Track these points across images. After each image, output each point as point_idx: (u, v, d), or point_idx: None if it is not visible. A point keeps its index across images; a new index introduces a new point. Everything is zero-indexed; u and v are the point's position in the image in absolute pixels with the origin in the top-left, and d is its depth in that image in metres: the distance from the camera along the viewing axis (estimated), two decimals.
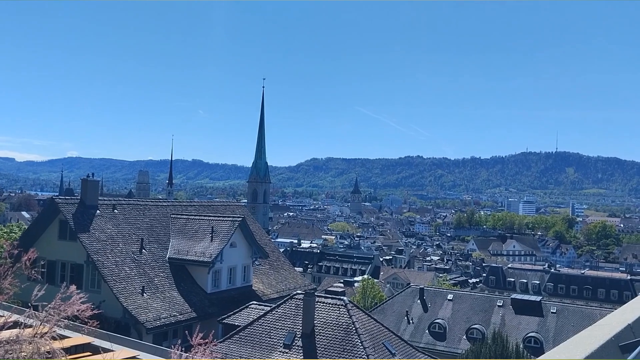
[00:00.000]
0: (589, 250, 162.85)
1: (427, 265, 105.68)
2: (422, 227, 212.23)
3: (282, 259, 38.15)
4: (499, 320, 43.15)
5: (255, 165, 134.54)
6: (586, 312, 42.15)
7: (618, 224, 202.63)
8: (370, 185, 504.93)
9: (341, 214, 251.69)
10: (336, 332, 21.89)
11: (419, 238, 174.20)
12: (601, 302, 65.06)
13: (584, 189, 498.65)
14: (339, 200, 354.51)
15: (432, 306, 46.38)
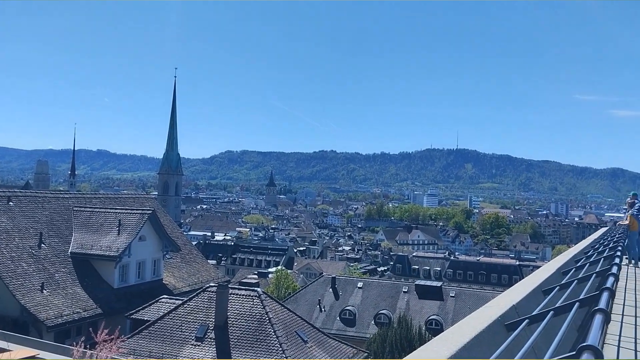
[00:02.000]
0: (483, 239, 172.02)
1: (339, 255, 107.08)
2: (335, 219, 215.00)
3: (195, 252, 36.93)
4: (404, 305, 44.30)
5: (166, 157, 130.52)
6: (481, 295, 44.16)
7: (509, 215, 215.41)
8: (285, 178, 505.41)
9: (256, 206, 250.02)
10: (249, 323, 21.47)
11: (332, 229, 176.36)
12: (494, 286, 68.47)
13: (480, 183, 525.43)
14: (254, 193, 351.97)
15: (343, 294, 46.89)
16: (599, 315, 2.57)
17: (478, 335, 3.05)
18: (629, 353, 5.98)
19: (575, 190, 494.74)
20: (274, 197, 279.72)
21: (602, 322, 2.46)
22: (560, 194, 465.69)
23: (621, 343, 6.45)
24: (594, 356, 1.84)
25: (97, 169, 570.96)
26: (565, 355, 1.97)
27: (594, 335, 2.12)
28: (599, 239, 13.36)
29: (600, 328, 2.32)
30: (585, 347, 1.89)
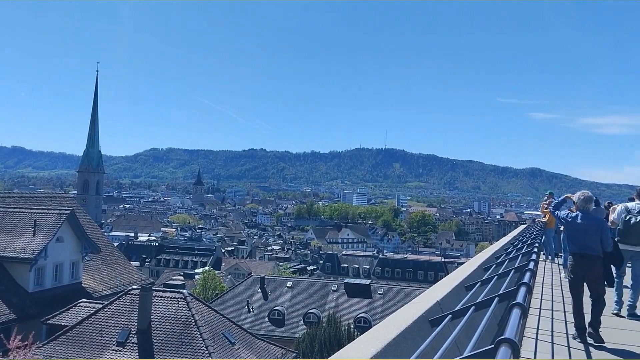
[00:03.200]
0: (411, 236, 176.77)
1: (268, 255, 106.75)
2: (264, 218, 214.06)
3: (117, 254, 35.63)
4: (334, 304, 44.75)
5: (87, 154, 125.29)
6: (408, 292, 45.36)
7: (435, 214, 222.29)
8: (213, 177, 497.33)
9: (182, 205, 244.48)
10: (174, 326, 21.01)
11: (261, 229, 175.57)
12: (420, 283, 70.62)
13: (407, 182, 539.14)
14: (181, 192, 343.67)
15: (272, 294, 46.74)
16: (517, 309, 2.70)
17: (403, 331, 3.13)
18: (546, 345, 6.34)
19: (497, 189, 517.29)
20: (201, 196, 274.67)
21: (519, 316, 2.59)
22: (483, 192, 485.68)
23: (539, 336, 6.83)
24: (510, 349, 1.93)
25: (11, 167, 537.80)
26: (484, 348, 2.05)
27: (511, 329, 2.23)
28: (518, 236, 14.07)
29: (517, 322, 2.44)
30: (503, 340, 1.98)
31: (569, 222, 7.46)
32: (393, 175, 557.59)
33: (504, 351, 1.89)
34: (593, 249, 7.06)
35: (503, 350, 1.90)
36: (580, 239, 7.17)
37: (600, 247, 7.13)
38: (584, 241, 7.13)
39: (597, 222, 7.37)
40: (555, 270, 13.75)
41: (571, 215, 7.53)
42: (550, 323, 7.62)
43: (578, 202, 7.51)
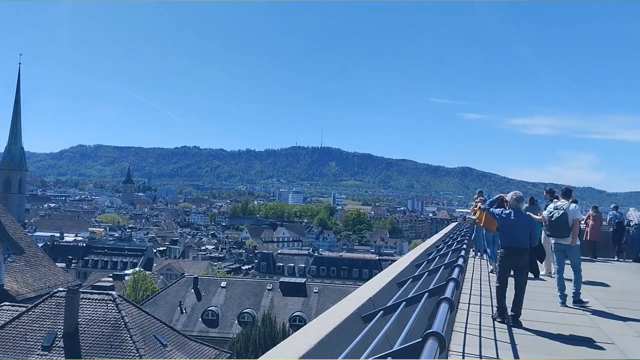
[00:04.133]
0: (346, 235, 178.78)
1: (202, 255, 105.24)
2: (197, 217, 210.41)
3: (41, 255, 34.03)
4: (269, 303, 44.70)
5: (8, 151, 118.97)
6: (343, 289, 45.93)
7: (370, 212, 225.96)
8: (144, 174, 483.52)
9: (112, 204, 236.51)
10: (103, 329, 20.44)
11: (195, 228, 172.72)
12: (355, 280, 71.61)
13: (343, 180, 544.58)
14: (110, 191, 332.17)
15: (206, 294, 46.16)
16: (445, 304, 2.82)
17: (336, 328, 3.20)
18: (474, 338, 6.62)
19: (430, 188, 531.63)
20: (131, 195, 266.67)
21: (447, 310, 2.70)
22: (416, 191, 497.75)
23: (467, 329, 7.12)
24: (437, 342, 2.02)
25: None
26: (413, 342, 2.14)
27: (438, 323, 2.33)
28: (449, 233, 14.55)
29: (445, 316, 2.55)
30: (430, 333, 2.07)
31: (503, 218, 8.25)
32: (329, 174, 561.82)
33: (431, 344, 1.99)
34: (523, 243, 7.97)
35: (430, 343, 2.00)
36: (512, 234, 8.05)
37: (528, 241, 8.05)
38: (515, 235, 8.01)
39: (527, 219, 8.31)
40: (484, 266, 14.33)
41: (505, 212, 8.32)
42: (478, 317, 7.95)
43: (510, 200, 8.40)
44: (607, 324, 8.04)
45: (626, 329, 7.74)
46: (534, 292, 10.93)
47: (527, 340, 6.76)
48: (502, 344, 6.45)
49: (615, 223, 19.35)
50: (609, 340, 6.97)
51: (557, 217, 9.89)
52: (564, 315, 8.63)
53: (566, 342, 6.81)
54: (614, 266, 17.08)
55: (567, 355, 6.19)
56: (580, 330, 7.51)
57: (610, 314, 8.84)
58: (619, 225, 19.25)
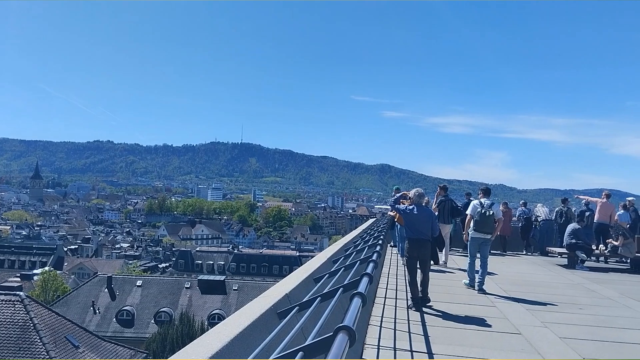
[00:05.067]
0: (267, 231, 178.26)
1: (116, 253, 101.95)
2: (111, 215, 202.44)
3: None
4: (187, 302, 43.85)
5: None
6: (263, 286, 45.77)
7: (290, 208, 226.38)
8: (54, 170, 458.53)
9: (18, 201, 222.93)
10: (10, 331, 19.32)
11: (109, 225, 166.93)
12: (276, 277, 71.44)
13: (264, 177, 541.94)
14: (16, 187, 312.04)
15: (121, 294, 44.69)
16: (357, 298, 2.87)
17: (250, 325, 3.18)
18: (389, 332, 6.80)
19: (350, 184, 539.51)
20: (40, 191, 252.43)
21: (359, 305, 2.75)
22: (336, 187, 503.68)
23: (383, 323, 7.31)
24: (347, 336, 2.05)
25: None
26: (324, 336, 2.16)
27: (349, 317, 2.36)
28: (367, 229, 14.85)
29: (356, 310, 2.59)
30: (341, 327, 2.10)
31: (407, 213, 9.18)
32: (249, 170, 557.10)
33: (341, 338, 2.01)
34: (425, 235, 8.90)
35: (340, 337, 2.02)
36: (416, 227, 8.96)
37: (430, 233, 8.98)
38: (418, 228, 8.92)
39: (428, 213, 9.23)
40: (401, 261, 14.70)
41: (409, 207, 9.21)
42: (394, 311, 8.18)
43: (413, 197, 9.31)
44: (514, 314, 8.50)
45: (532, 319, 8.21)
46: (446, 281, 11.41)
47: (440, 332, 7.01)
48: (415, 336, 6.65)
49: (524, 219, 20.50)
50: (516, 330, 7.36)
51: (489, 216, 10.94)
52: (475, 307, 9.03)
53: (476, 333, 7.13)
54: (522, 260, 18.06)
55: (477, 345, 6.48)
56: (490, 321, 7.89)
57: (518, 305, 9.36)
58: (527, 220, 20.42)
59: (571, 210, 19.40)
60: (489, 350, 6.25)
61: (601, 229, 17.34)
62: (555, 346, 6.62)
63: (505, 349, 6.37)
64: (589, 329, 7.69)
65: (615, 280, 13.58)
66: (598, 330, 7.69)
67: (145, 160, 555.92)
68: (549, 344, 6.68)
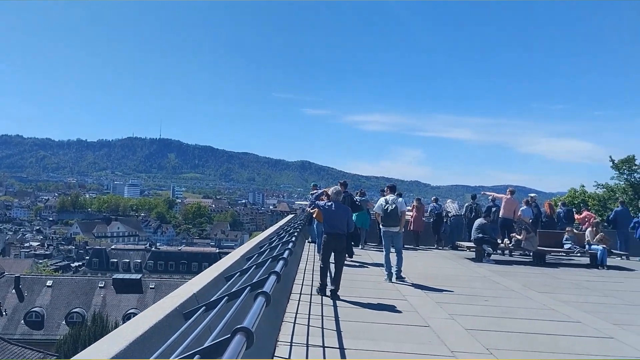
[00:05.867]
0: (186, 228, 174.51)
1: (25, 252, 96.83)
2: (20, 212, 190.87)
3: None
4: (101, 302, 42.19)
5: None
6: (181, 284, 44.47)
7: (211, 205, 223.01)
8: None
9: None
10: None
11: (17, 223, 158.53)
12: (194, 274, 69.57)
13: (183, 173, 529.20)
14: None
15: (30, 295, 42.40)
16: (261, 297, 2.79)
17: (153, 327, 3.02)
18: (303, 328, 6.77)
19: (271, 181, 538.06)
20: None
21: (262, 305, 2.67)
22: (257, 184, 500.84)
23: (297, 319, 7.27)
24: (245, 337, 1.97)
25: None
26: (221, 338, 2.07)
27: (250, 318, 2.28)
28: (285, 225, 14.78)
29: (258, 310, 2.51)
30: (239, 329, 2.01)
31: (325, 209, 9.72)
32: (168, 166, 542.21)
33: (238, 340, 1.93)
34: (341, 229, 9.48)
35: (237, 339, 1.94)
36: (333, 222, 9.54)
37: (346, 228, 9.57)
38: (335, 223, 9.51)
39: (344, 209, 9.84)
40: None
41: (327, 204, 9.81)
42: (308, 307, 8.18)
43: (331, 194, 9.95)
44: (424, 307, 8.72)
45: (440, 312, 8.46)
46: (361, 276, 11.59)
47: (352, 326, 7.07)
48: (328, 332, 6.66)
49: (435, 214, 21.22)
50: (425, 323, 7.56)
51: (392, 210, 11.73)
52: (387, 301, 9.19)
53: (387, 327, 7.24)
54: (433, 254, 18.65)
55: (386, 339, 6.58)
56: (401, 315, 8.06)
57: (428, 298, 9.63)
58: (438, 216, 21.16)
59: (480, 206, 20.26)
60: (398, 343, 6.36)
61: (506, 224, 18.25)
62: (461, 337, 6.84)
63: (414, 342, 6.51)
64: (493, 320, 8.02)
65: (518, 273, 14.32)
66: (501, 321, 8.03)
67: (58, 156, 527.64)
68: (455, 336, 6.90)
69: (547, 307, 9.40)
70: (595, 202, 38.12)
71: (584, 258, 17.29)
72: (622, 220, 20.21)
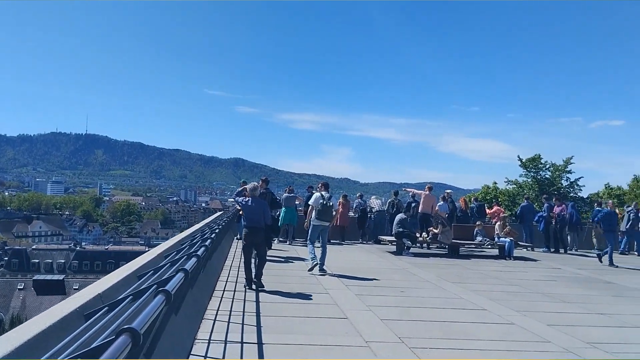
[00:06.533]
0: (114, 227, 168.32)
1: None
2: None
3: None
4: (20, 304, 40.06)
5: None
6: None
7: (140, 202, 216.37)
8: None
9: None
10: None
11: None
12: None
13: (112, 170, 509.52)
14: None
15: None
16: (160, 296, 2.75)
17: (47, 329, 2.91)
18: (223, 325, 6.72)
19: (203, 178, 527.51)
20: None
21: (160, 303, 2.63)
22: (189, 181, 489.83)
23: (218, 316, 7.21)
24: (131, 338, 1.94)
25: None
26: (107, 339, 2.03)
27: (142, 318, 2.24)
28: (211, 222, 14.57)
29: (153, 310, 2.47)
30: (125, 329, 1.98)
31: (243, 205, 10.29)
32: (95, 163, 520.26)
33: (121, 341, 1.89)
34: (259, 223, 9.96)
35: (122, 339, 1.90)
36: (251, 216, 10.01)
37: (263, 221, 10.04)
38: (253, 218, 9.98)
39: (261, 204, 10.26)
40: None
41: (245, 200, 10.32)
42: (230, 303, 8.13)
43: (249, 191, 10.43)
44: (344, 300, 8.88)
45: (359, 304, 8.63)
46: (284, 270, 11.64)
47: (272, 321, 7.09)
48: (248, 327, 6.65)
49: (360, 210, 21.62)
50: (344, 315, 7.69)
51: (329, 206, 12.42)
52: (309, 295, 9.27)
53: (307, 320, 7.32)
54: (358, 248, 18.98)
55: (305, 332, 6.65)
56: (321, 308, 8.16)
57: (348, 291, 9.80)
58: (363, 211, 21.57)
59: (401, 202, 20.83)
60: (316, 336, 6.45)
61: (424, 218, 18.88)
62: (375, 328, 7.03)
63: (331, 334, 6.63)
64: (407, 310, 8.29)
65: (434, 265, 14.85)
66: (415, 310, 8.31)
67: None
68: (370, 326, 7.08)
69: (457, 297, 9.83)
70: (505, 197, 40.18)
71: (493, 250, 18.17)
72: (527, 214, 21.47)
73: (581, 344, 6.77)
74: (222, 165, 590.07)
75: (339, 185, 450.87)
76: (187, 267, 3.84)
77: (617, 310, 9.31)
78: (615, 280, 13.43)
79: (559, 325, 7.74)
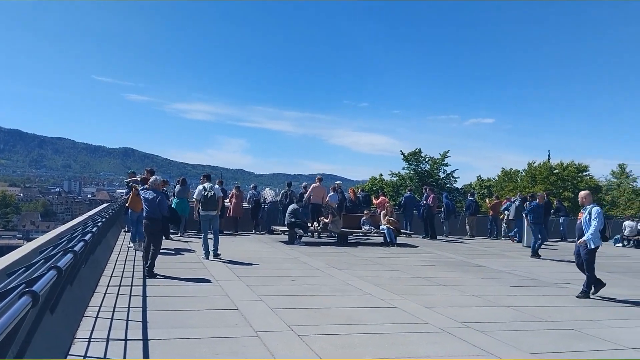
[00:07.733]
0: None
1: None
2: None
3: None
4: None
5: None
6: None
7: (18, 194, 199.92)
8: None
9: None
10: None
11: None
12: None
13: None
14: None
15: None
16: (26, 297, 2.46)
17: None
18: (105, 322, 6.30)
19: (89, 168, 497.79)
20: None
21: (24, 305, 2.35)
22: (74, 171, 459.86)
23: (101, 313, 6.77)
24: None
25: None
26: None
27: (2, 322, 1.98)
28: (95, 215, 13.65)
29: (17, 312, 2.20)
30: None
31: (147, 199, 10.39)
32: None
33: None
34: (156, 214, 10.29)
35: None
36: (149, 207, 10.30)
37: (159, 212, 10.32)
38: (150, 208, 10.30)
39: (158, 195, 10.44)
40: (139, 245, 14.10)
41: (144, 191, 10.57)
42: (115, 299, 7.67)
43: (150, 183, 10.65)
44: (235, 291, 8.73)
45: (250, 294, 8.53)
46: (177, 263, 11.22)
47: (160, 316, 6.80)
48: (133, 323, 6.33)
49: (253, 201, 21.46)
50: (235, 306, 7.54)
51: (211, 195, 12.63)
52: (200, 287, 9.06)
53: (197, 313, 7.09)
54: (251, 238, 18.82)
55: (194, 325, 6.42)
56: (212, 300, 7.97)
57: (240, 282, 9.66)
58: (256, 202, 21.44)
59: (294, 192, 20.97)
60: (205, 329, 6.27)
61: (316, 209, 19.15)
62: (266, 317, 6.97)
63: (221, 326, 6.47)
64: (298, 298, 8.32)
65: (324, 253, 15.10)
66: (304, 298, 8.36)
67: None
68: (260, 316, 7.01)
69: (345, 283, 10.04)
70: (390, 188, 42.03)
71: (379, 237, 18.86)
72: (409, 204, 22.62)
73: (456, 323, 7.16)
74: (111, 155, 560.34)
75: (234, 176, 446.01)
76: (60, 265, 3.50)
77: (487, 291, 10.00)
78: (485, 264, 14.46)
79: (436, 307, 8.16)
